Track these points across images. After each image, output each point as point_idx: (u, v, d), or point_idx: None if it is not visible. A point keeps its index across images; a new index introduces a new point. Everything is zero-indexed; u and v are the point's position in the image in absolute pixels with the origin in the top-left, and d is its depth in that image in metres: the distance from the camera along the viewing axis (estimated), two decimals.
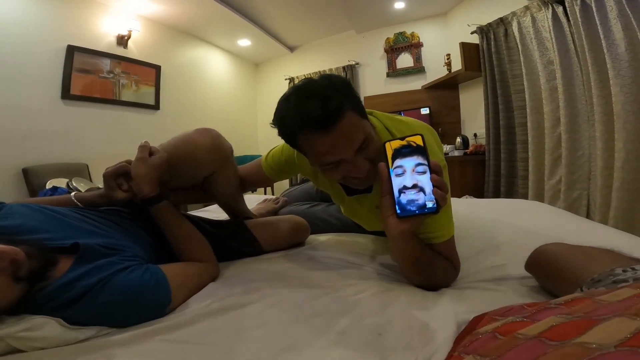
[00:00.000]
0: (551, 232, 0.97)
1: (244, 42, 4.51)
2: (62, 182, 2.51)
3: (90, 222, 0.69)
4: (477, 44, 3.22)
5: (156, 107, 3.65)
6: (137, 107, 3.45)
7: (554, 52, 2.54)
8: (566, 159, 2.53)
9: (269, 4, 3.60)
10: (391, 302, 0.62)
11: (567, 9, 2.40)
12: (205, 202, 1.29)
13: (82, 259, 0.57)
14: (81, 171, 2.81)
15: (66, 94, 2.81)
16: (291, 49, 4.95)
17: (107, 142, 3.11)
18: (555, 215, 1.32)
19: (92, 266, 0.57)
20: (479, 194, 3.16)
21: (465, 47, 3.23)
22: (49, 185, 2.44)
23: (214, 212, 1.40)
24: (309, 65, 4.73)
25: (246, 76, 5.23)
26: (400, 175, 0.59)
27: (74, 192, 0.83)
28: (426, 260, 0.69)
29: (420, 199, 0.57)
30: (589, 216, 2.44)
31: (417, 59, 4.10)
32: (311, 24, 4.20)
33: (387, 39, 4.23)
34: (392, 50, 4.22)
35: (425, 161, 0.58)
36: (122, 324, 0.56)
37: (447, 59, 3.64)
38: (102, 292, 0.54)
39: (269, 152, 1.01)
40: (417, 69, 4.09)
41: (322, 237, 1.09)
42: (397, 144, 0.60)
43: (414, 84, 4.11)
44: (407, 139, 0.59)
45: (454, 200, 1.42)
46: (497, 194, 3.11)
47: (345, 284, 0.72)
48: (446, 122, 3.85)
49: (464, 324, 0.48)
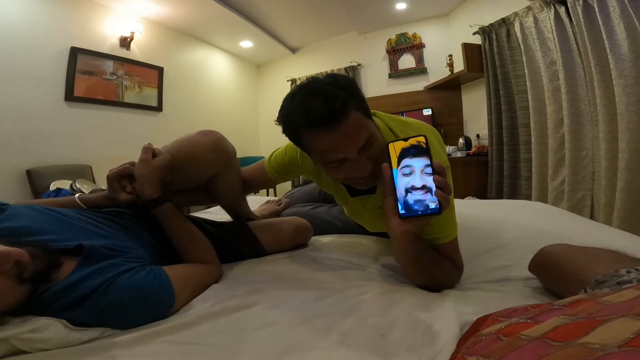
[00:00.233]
0: (555, 233, 0.97)
1: (246, 44, 4.53)
2: (65, 184, 2.53)
3: (94, 224, 0.70)
4: (479, 45, 3.22)
5: (159, 108, 3.67)
6: (140, 108, 3.47)
7: (557, 52, 2.53)
8: (569, 159, 2.52)
9: (271, 5, 3.61)
10: (394, 303, 0.62)
11: (570, 9, 2.40)
12: (208, 203, 1.30)
13: (86, 260, 0.57)
14: (84, 173, 2.83)
15: (69, 95, 2.84)
16: (293, 50, 4.96)
17: (110, 143, 3.13)
18: (559, 216, 1.31)
19: (96, 267, 0.57)
20: (482, 195, 3.15)
21: (467, 47, 3.22)
22: (52, 186, 2.46)
23: (217, 214, 1.40)
24: (310, 66, 4.74)
25: (248, 77, 5.24)
26: (407, 175, 0.58)
27: (77, 194, 0.83)
28: (429, 261, 0.68)
29: (427, 199, 0.57)
30: (592, 217, 2.42)
31: (419, 59, 4.10)
32: (313, 25, 4.21)
33: (389, 40, 4.24)
34: (394, 51, 4.22)
35: (428, 162, 0.58)
36: (125, 325, 0.56)
37: (449, 60, 3.64)
38: (106, 293, 0.55)
39: (271, 154, 1.02)
40: (419, 70, 4.09)
41: (325, 239, 1.09)
42: (400, 144, 0.60)
43: (416, 85, 4.11)
44: (410, 140, 0.59)
45: (457, 201, 1.42)
46: (500, 195, 3.10)
47: (348, 285, 0.72)
48: (449, 123, 3.84)
49: (467, 325, 0.48)
